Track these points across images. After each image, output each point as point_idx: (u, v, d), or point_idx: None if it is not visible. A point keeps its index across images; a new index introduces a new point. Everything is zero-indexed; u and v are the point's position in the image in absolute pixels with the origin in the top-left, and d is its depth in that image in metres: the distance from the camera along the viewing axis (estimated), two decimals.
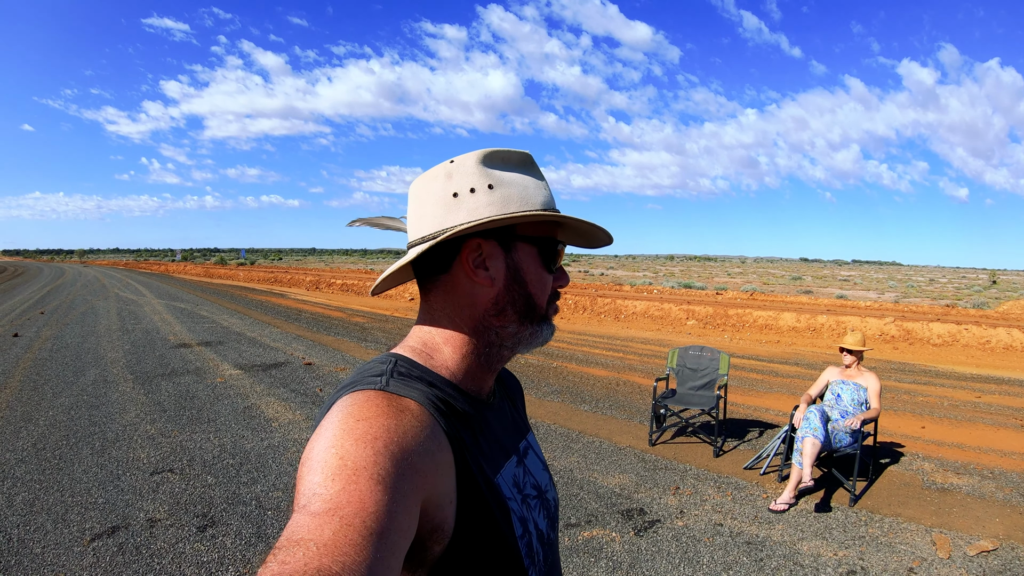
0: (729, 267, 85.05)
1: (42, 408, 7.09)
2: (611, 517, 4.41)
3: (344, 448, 0.66)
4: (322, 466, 0.65)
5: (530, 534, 0.91)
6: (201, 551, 3.81)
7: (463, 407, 0.86)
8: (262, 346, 11.98)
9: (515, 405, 1.09)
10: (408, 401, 0.77)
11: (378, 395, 0.75)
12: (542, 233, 0.92)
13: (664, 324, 17.04)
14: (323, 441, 0.68)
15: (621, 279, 40.03)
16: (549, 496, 1.02)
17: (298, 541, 0.57)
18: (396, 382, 0.80)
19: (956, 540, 4.12)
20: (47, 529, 4.08)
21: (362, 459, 0.65)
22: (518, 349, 0.94)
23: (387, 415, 0.72)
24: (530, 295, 0.91)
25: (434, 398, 0.81)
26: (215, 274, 46.39)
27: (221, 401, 7.52)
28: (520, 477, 0.94)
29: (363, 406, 0.72)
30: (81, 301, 22.36)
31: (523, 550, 0.87)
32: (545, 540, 0.96)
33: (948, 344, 13.29)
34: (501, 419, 0.97)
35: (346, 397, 0.76)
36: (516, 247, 0.90)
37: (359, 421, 0.70)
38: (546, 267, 0.92)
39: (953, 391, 8.94)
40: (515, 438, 1.00)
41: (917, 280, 53.99)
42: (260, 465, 5.28)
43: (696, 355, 6.64)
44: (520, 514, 0.89)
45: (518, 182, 0.90)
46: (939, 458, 5.80)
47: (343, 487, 0.62)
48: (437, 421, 0.77)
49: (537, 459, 1.04)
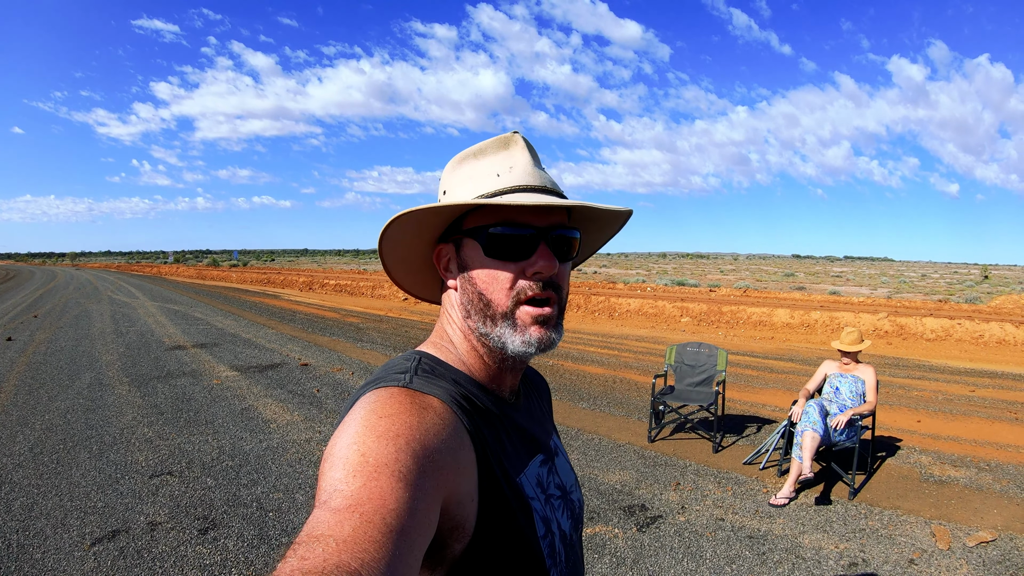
0: (722, 264, 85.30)
1: (38, 412, 7.04)
2: (613, 513, 4.42)
3: (366, 445, 0.66)
4: (344, 462, 0.65)
5: (552, 534, 0.90)
6: (203, 554, 3.79)
7: (486, 405, 0.85)
8: (257, 347, 11.94)
9: (541, 406, 1.08)
10: (431, 399, 0.76)
11: (401, 392, 0.75)
12: (484, 221, 0.85)
13: (658, 322, 17.07)
14: (346, 437, 0.68)
15: (614, 277, 40.07)
16: (574, 497, 1.01)
17: (318, 537, 0.57)
18: (420, 379, 0.79)
19: (955, 531, 4.15)
20: (47, 534, 4.05)
21: (384, 456, 0.65)
22: (507, 351, 0.85)
23: (410, 412, 0.72)
24: (481, 293, 0.85)
25: (458, 396, 0.80)
26: (208, 276, 46.18)
27: (218, 403, 7.49)
28: (544, 477, 0.93)
29: (386, 403, 0.72)
30: (74, 304, 22.22)
31: (545, 550, 0.86)
32: (568, 541, 0.95)
33: (942, 339, 13.37)
34: (526, 419, 0.96)
35: (370, 394, 0.75)
36: (463, 243, 0.87)
37: (381, 418, 0.70)
38: (496, 257, 0.84)
39: (947, 385, 9.00)
40: (541, 438, 0.99)
41: (909, 276, 54.26)
42: (260, 467, 5.27)
43: (694, 352, 6.65)
44: (543, 514, 0.89)
45: (472, 175, 0.88)
46: (936, 451, 5.83)
47: (364, 483, 0.62)
48: (460, 419, 0.77)
49: (565, 460, 1.04)
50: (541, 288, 0.84)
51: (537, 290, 0.84)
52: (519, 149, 0.89)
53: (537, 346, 0.84)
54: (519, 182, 0.86)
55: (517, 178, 0.86)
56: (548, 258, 0.83)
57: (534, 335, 0.84)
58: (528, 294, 0.84)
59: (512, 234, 0.82)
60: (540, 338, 0.84)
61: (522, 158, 0.88)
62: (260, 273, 42.99)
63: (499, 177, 0.85)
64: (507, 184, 0.85)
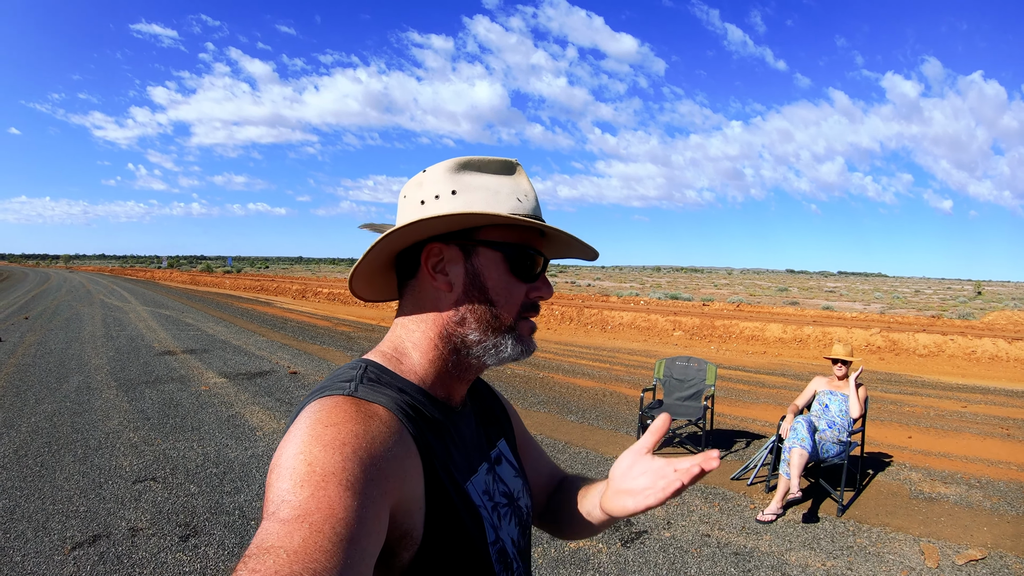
0: (716, 279, 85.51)
1: (24, 414, 6.99)
2: None
3: (312, 454, 0.66)
4: (291, 472, 0.65)
5: (501, 541, 0.91)
6: (183, 561, 3.75)
7: (432, 413, 0.85)
8: (247, 354, 11.89)
9: (487, 411, 1.08)
10: (377, 407, 0.76)
11: (347, 401, 0.75)
12: (513, 239, 0.89)
13: (651, 335, 17.07)
14: (292, 447, 0.68)
15: (608, 290, 40.14)
16: (522, 504, 1.01)
17: (268, 548, 0.57)
18: (365, 388, 0.79)
19: (944, 549, 4.12)
20: (27, 537, 4.01)
21: (330, 465, 0.65)
22: (487, 360, 0.90)
23: (355, 421, 0.71)
24: (491, 303, 0.88)
25: (403, 404, 0.80)
26: (201, 282, 46.10)
27: (205, 409, 7.44)
28: (490, 485, 0.94)
29: (331, 412, 0.72)
30: (66, 307, 22.17)
31: (494, 556, 0.87)
32: (519, 547, 0.97)
33: (934, 355, 13.39)
34: (471, 426, 0.97)
35: (315, 403, 0.75)
36: (477, 252, 0.88)
37: (327, 427, 0.69)
38: (516, 275, 0.89)
39: (939, 401, 9.00)
40: (486, 445, 0.99)
41: (903, 291, 54.46)
42: (244, 474, 5.22)
43: (683, 366, 6.64)
44: (491, 522, 0.89)
45: (489, 186, 0.89)
46: (926, 468, 5.82)
47: (312, 493, 0.62)
48: (406, 427, 0.77)
49: (510, 466, 1.03)
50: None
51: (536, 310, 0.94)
52: (525, 179, 0.94)
53: (528, 354, 0.93)
54: (534, 211, 0.91)
55: (532, 206, 0.91)
56: (547, 284, 0.94)
57: (530, 345, 0.93)
58: (530, 311, 0.92)
59: (535, 257, 0.91)
60: (531, 347, 0.93)
61: (530, 187, 0.93)
62: (254, 280, 42.99)
63: (520, 202, 0.89)
64: (528, 210, 0.90)
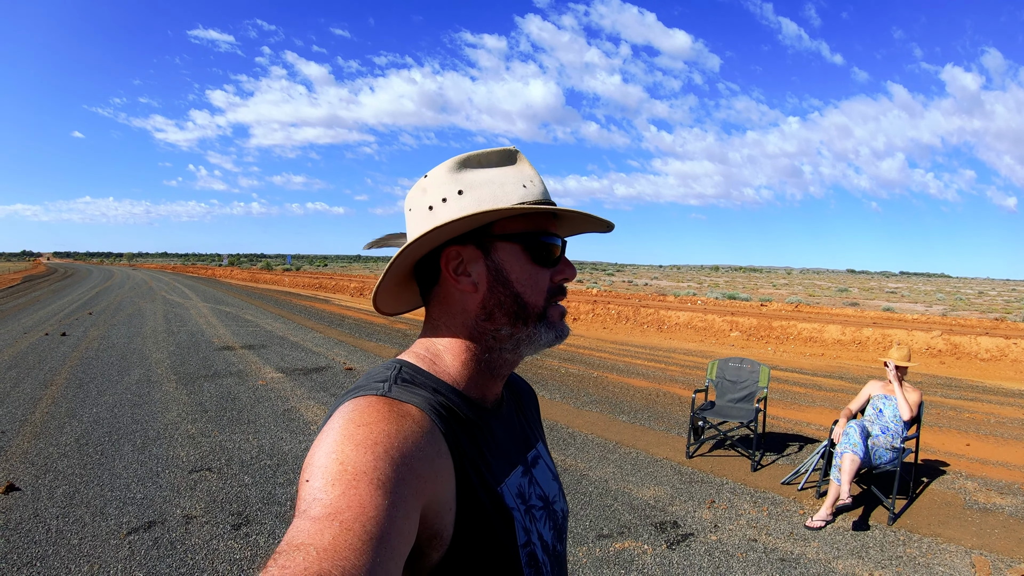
0: (774, 278, 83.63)
1: (87, 405, 7.30)
2: (644, 529, 4.36)
3: (344, 453, 0.67)
4: (322, 471, 0.66)
5: (533, 544, 0.90)
6: (234, 548, 3.88)
7: (466, 414, 0.86)
8: (304, 350, 12.15)
9: (524, 413, 1.07)
10: (410, 407, 0.77)
11: (380, 400, 0.76)
12: (526, 228, 0.90)
13: (707, 335, 16.83)
14: (324, 446, 0.69)
15: (665, 289, 39.65)
16: (557, 507, 1.01)
17: (298, 546, 0.58)
18: (399, 388, 0.80)
19: (996, 563, 3.97)
20: (85, 521, 4.20)
21: (362, 464, 0.66)
22: (521, 351, 0.91)
23: (388, 420, 0.72)
24: (518, 295, 0.89)
25: (437, 404, 0.81)
26: (261, 279, 47.25)
27: (262, 403, 7.65)
28: (525, 487, 0.93)
29: (364, 411, 0.73)
30: (128, 303, 23.01)
31: (524, 559, 0.87)
32: (551, 551, 0.95)
33: (996, 359, 12.86)
34: (507, 428, 0.97)
35: (348, 403, 0.76)
36: (495, 247, 0.89)
37: (360, 426, 0.70)
38: (538, 263, 0.90)
39: (1000, 408, 8.65)
40: (522, 447, 0.99)
41: (966, 292, 52.46)
42: (297, 467, 5.35)
43: (736, 367, 6.55)
44: (524, 524, 0.89)
45: (493, 180, 0.89)
46: (983, 477, 5.61)
47: (343, 492, 0.63)
48: (438, 427, 0.78)
49: (547, 469, 1.03)
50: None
51: (564, 292, 0.94)
52: (527, 164, 0.93)
53: (563, 338, 0.93)
54: (542, 194, 0.91)
55: (539, 190, 0.90)
56: (570, 265, 0.93)
57: (563, 329, 0.93)
58: (557, 295, 0.92)
59: (553, 243, 0.91)
60: (565, 331, 0.93)
61: (533, 172, 0.92)
62: (312, 278, 43.70)
63: (526, 188, 0.89)
64: (535, 196, 0.89)
